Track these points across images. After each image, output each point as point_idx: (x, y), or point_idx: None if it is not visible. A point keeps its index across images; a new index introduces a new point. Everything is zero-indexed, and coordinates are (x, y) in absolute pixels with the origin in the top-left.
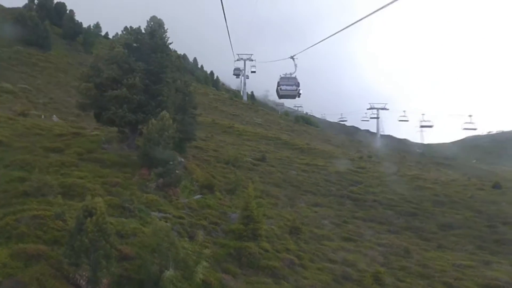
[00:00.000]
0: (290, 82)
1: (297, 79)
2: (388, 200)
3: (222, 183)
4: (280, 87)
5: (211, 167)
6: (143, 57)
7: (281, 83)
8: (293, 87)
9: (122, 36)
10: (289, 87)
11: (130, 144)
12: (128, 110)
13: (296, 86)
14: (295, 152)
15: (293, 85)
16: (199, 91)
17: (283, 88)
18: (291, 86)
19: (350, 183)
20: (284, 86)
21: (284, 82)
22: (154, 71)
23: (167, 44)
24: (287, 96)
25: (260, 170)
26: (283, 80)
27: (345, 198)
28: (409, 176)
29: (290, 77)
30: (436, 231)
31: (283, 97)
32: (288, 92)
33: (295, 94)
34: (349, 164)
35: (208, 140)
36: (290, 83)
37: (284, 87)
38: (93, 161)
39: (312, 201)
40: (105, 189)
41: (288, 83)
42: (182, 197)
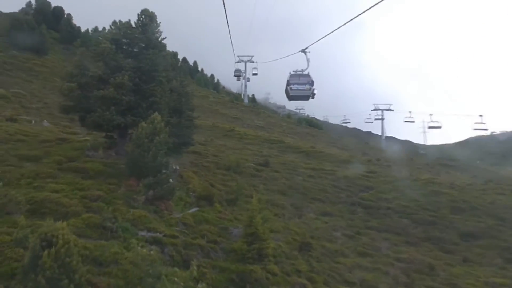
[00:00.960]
0: (303, 80)
1: (310, 77)
2: (402, 208)
3: (223, 192)
4: (290, 86)
5: (210, 174)
6: (133, 54)
7: (291, 81)
8: (306, 86)
9: (110, 31)
10: (301, 86)
11: (119, 151)
12: (116, 113)
13: (310, 84)
14: (300, 155)
15: (306, 83)
16: (199, 94)
17: (294, 87)
18: (304, 85)
19: (360, 188)
20: (295, 85)
21: (295, 81)
22: (146, 69)
23: (160, 40)
24: (299, 97)
25: (264, 176)
26: (294, 78)
27: (356, 206)
28: (422, 180)
29: (302, 74)
30: (458, 242)
31: (293, 99)
32: (300, 92)
33: (309, 94)
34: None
35: (208, 145)
36: (302, 82)
37: (295, 87)
38: (73, 171)
39: (320, 209)
40: (84, 205)
41: (300, 82)
42: (176, 211)
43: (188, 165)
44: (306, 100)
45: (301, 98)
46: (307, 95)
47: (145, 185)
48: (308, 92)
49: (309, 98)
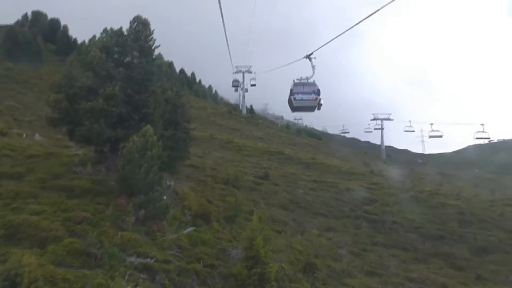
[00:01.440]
0: (307, 89)
1: (316, 85)
2: (409, 221)
3: (221, 209)
4: (293, 96)
5: (207, 189)
6: (125, 63)
7: (295, 90)
8: (312, 95)
9: (100, 38)
10: (306, 95)
11: (109, 166)
12: (106, 125)
13: (316, 94)
14: (300, 167)
15: (312, 93)
16: (196, 105)
17: (298, 97)
18: (309, 94)
19: (364, 201)
20: (299, 95)
21: (299, 90)
22: (138, 79)
23: (153, 48)
24: (304, 108)
25: (263, 190)
26: (298, 86)
27: (360, 220)
28: (427, 192)
29: (307, 82)
30: (470, 258)
31: (298, 110)
32: (305, 102)
33: (314, 105)
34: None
35: (205, 157)
36: (307, 91)
37: (300, 96)
38: (58, 190)
39: (324, 224)
40: (67, 228)
41: (304, 91)
42: (169, 232)
43: (184, 179)
44: (311, 111)
45: (306, 109)
46: (312, 105)
47: (136, 204)
48: (314, 103)
49: (315, 109)
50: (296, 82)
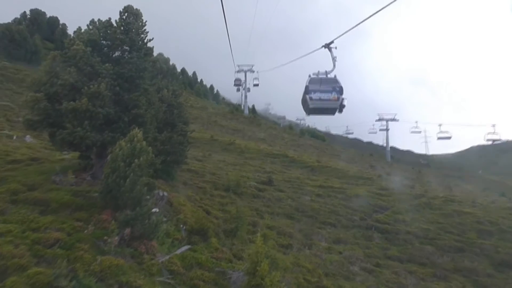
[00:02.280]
0: (327, 86)
1: (338, 82)
2: (424, 231)
3: (220, 221)
4: (309, 95)
5: (206, 197)
6: (114, 58)
7: (311, 88)
8: (332, 94)
9: (87, 31)
10: (325, 94)
11: (96, 174)
12: (90, 128)
13: (338, 93)
14: (305, 171)
15: (332, 91)
16: (197, 105)
17: (314, 97)
18: (329, 93)
19: (374, 209)
20: (316, 94)
21: (317, 87)
22: (128, 76)
23: (146, 41)
24: (322, 110)
25: (267, 197)
26: (315, 83)
27: (372, 230)
28: (440, 198)
29: (326, 78)
30: (493, 273)
31: (314, 112)
32: (324, 103)
33: (335, 106)
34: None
35: (205, 161)
36: (326, 89)
37: (317, 95)
38: (31, 204)
39: (333, 236)
40: (35, 253)
41: (323, 89)
42: (160, 253)
43: (181, 187)
44: (331, 114)
45: (324, 111)
46: (333, 107)
47: (121, 221)
48: (335, 104)
49: (335, 111)
50: (312, 78)
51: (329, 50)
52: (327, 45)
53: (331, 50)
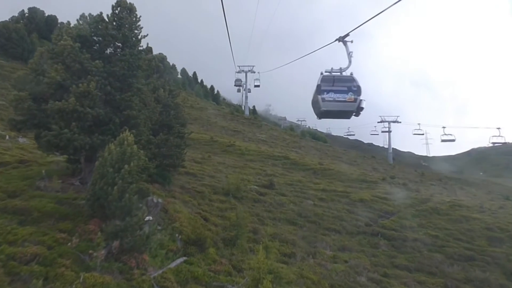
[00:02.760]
0: (342, 85)
1: (355, 80)
2: (432, 238)
3: (219, 228)
4: (321, 95)
5: (204, 202)
6: (105, 55)
7: (324, 87)
8: (349, 95)
9: (77, 26)
10: (340, 95)
11: (84, 180)
12: (78, 130)
13: (355, 93)
14: (307, 174)
15: (348, 91)
16: (197, 106)
17: (328, 97)
18: (344, 93)
19: (379, 214)
20: (329, 94)
21: (330, 86)
22: (120, 74)
23: (139, 38)
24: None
25: (268, 201)
26: (328, 81)
27: (378, 237)
28: (447, 203)
29: (341, 76)
30: (506, 284)
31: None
32: (339, 105)
33: (352, 109)
34: None
35: (204, 163)
36: (341, 88)
37: (331, 96)
38: (10, 212)
39: (337, 243)
40: (10, 270)
41: (337, 88)
42: (152, 266)
43: (178, 191)
44: (346, 118)
45: (339, 114)
46: (349, 109)
47: (108, 233)
48: (351, 106)
49: (351, 115)
50: (325, 75)
51: (344, 44)
52: (342, 38)
53: (346, 44)
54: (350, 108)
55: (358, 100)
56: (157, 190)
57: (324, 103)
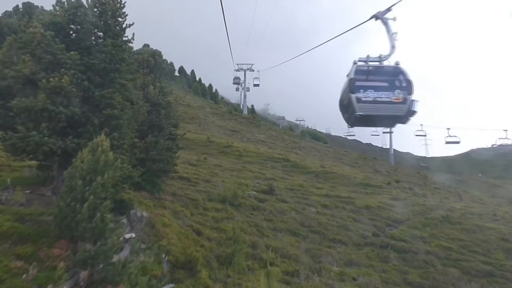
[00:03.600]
0: (384, 79)
1: (404, 72)
2: (445, 250)
3: (214, 244)
4: (356, 94)
5: (198, 211)
6: (83, 46)
7: (359, 83)
8: (394, 93)
9: (51, 12)
10: (383, 94)
11: (57, 189)
12: (49, 132)
13: (403, 91)
14: (309, 177)
15: (393, 88)
16: (194, 104)
17: (365, 97)
18: (389, 91)
19: (387, 222)
20: (368, 92)
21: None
22: (100, 68)
23: (124, 27)
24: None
25: (268, 208)
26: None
27: (387, 249)
28: (459, 210)
29: (382, 67)
30: None
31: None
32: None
33: (401, 113)
34: None
35: (200, 165)
36: (383, 83)
37: (369, 95)
38: None
39: (344, 257)
40: None
41: (379, 84)
42: None
43: (169, 200)
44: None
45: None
46: (395, 113)
47: (76, 261)
48: (400, 109)
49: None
50: (359, 66)
51: (384, 23)
52: (382, 15)
53: (387, 24)
54: (397, 112)
55: (409, 100)
56: (144, 200)
57: (360, 105)
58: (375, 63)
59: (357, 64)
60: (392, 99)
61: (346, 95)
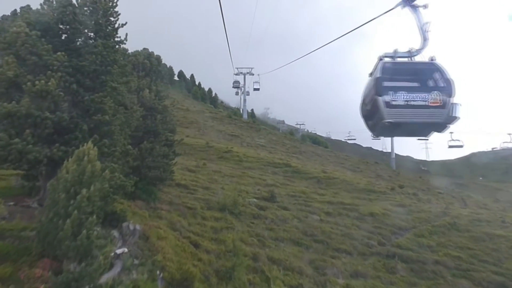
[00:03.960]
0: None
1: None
2: (454, 260)
3: (212, 256)
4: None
5: (196, 221)
6: (73, 47)
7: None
8: (431, 94)
9: (37, 11)
10: (418, 95)
11: (43, 201)
12: (34, 140)
13: (442, 92)
14: (311, 183)
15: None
16: (194, 109)
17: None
18: (424, 92)
19: (392, 230)
20: (399, 94)
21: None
22: (90, 70)
23: (116, 27)
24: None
25: (270, 217)
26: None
27: (395, 260)
28: (465, 217)
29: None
30: None
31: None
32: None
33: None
34: None
35: (198, 172)
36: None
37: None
38: None
39: (349, 268)
40: None
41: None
42: None
43: (165, 209)
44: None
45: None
46: (433, 120)
47: (58, 284)
48: (438, 114)
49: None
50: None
51: (413, 10)
52: (410, 2)
53: (416, 11)
54: (434, 118)
55: (449, 104)
56: (139, 210)
57: (389, 110)
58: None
59: (384, 60)
60: (428, 102)
61: (370, 98)
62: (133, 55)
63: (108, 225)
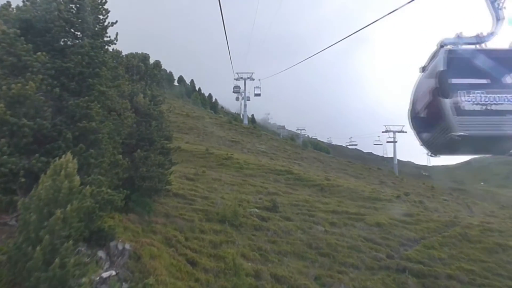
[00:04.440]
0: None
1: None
2: (468, 274)
3: (211, 276)
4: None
5: (194, 235)
6: (57, 47)
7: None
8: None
9: (18, 7)
10: (506, 97)
11: None
12: (10, 150)
13: None
14: (314, 191)
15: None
16: (193, 114)
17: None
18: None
19: (401, 241)
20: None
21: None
22: (76, 72)
23: (105, 25)
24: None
25: (272, 228)
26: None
27: (405, 274)
28: (476, 227)
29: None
30: None
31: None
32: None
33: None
34: None
35: (198, 180)
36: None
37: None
38: None
39: (358, 284)
40: None
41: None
42: None
43: (160, 223)
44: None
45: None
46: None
47: None
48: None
49: None
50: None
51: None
52: None
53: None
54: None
55: None
56: (131, 225)
57: (461, 118)
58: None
59: (445, 48)
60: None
61: (428, 101)
62: (125, 57)
63: (94, 245)
